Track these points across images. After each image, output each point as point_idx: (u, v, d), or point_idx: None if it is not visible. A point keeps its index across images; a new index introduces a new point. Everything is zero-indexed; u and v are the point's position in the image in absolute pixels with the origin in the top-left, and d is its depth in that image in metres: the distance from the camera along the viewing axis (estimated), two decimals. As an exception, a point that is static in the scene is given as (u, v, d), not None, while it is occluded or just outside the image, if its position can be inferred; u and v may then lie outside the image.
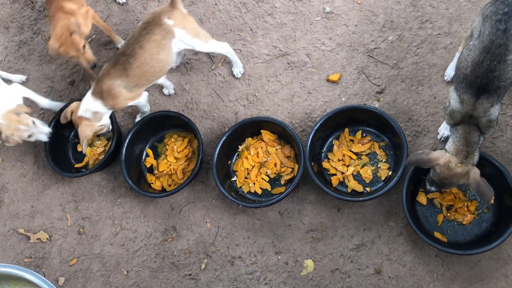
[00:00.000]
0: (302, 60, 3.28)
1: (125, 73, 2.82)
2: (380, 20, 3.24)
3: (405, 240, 2.84)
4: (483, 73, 2.29)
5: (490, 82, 2.30)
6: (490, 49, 2.26)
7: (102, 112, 2.97)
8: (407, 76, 3.10)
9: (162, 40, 2.81)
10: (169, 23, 2.80)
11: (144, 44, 2.78)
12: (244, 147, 3.17)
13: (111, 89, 2.85)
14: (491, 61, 2.26)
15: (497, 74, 2.28)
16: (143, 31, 2.80)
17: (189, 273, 3.06)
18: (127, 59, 2.80)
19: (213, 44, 3.02)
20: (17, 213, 3.40)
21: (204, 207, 3.17)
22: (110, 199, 3.31)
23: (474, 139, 2.41)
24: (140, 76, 2.86)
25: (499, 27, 2.23)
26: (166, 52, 2.85)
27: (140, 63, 2.81)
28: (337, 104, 3.15)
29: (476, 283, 2.68)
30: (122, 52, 2.83)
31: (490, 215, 2.73)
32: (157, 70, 2.89)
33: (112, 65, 2.84)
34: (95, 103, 2.91)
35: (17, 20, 3.84)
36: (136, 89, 2.94)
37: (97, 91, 2.89)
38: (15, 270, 2.64)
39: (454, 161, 2.43)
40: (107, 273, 3.16)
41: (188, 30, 2.87)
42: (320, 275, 2.90)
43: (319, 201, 3.01)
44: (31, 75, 3.67)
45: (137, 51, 2.79)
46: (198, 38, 2.93)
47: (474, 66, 2.30)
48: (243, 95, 3.31)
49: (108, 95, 2.87)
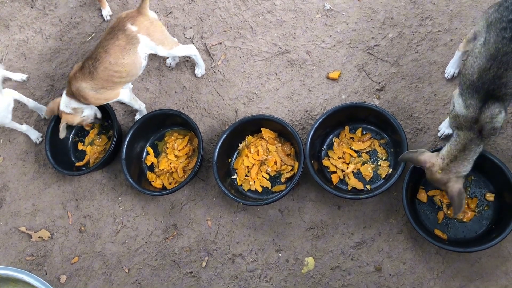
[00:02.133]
0: (302, 57, 3.28)
1: (91, 76, 2.88)
2: (380, 17, 3.23)
3: (405, 238, 2.85)
4: (490, 80, 2.28)
5: (497, 88, 2.29)
6: (497, 57, 2.25)
7: (81, 107, 3.08)
8: (407, 74, 3.09)
9: (126, 45, 2.84)
10: (132, 29, 2.82)
11: (108, 49, 2.82)
12: (244, 145, 3.17)
13: (79, 91, 2.94)
14: (498, 68, 2.25)
15: (504, 81, 2.27)
16: (108, 36, 2.84)
17: (190, 271, 3.07)
18: (92, 63, 2.86)
19: (178, 49, 3.06)
20: (18, 212, 3.41)
21: (204, 205, 3.17)
22: (111, 197, 3.31)
23: (471, 147, 2.38)
24: (106, 79, 2.90)
25: (505, 35, 2.22)
26: (131, 57, 2.87)
27: (105, 67, 2.85)
28: (337, 102, 3.15)
29: (476, 281, 2.69)
30: (89, 56, 2.90)
31: (490, 212, 2.73)
32: (123, 74, 2.92)
33: (79, 69, 2.92)
34: (71, 101, 3.04)
35: (17, 19, 3.84)
36: (105, 91, 2.97)
37: (69, 92, 3.00)
38: (14, 272, 2.64)
39: (437, 166, 2.43)
40: (108, 271, 3.17)
41: (152, 37, 2.89)
42: (320, 273, 2.91)
43: (320, 199, 3.01)
44: (31, 73, 3.68)
45: (101, 55, 2.83)
46: (162, 46, 2.96)
47: (481, 73, 2.29)
48: (243, 93, 3.31)
49: (79, 96, 2.97)
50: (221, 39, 3.44)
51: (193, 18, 3.54)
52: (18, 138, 3.57)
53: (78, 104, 3.04)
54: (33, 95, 3.62)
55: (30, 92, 3.63)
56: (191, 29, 3.52)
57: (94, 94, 2.94)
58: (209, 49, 3.43)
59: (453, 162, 2.40)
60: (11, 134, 3.58)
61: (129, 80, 3.01)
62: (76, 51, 3.64)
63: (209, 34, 3.47)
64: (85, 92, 2.93)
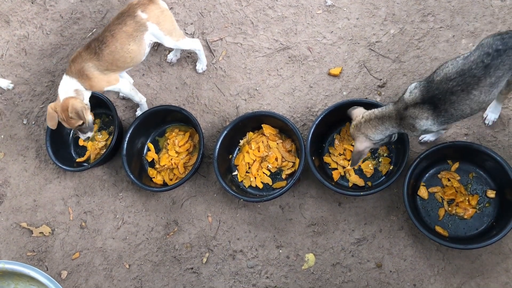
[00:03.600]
0: (303, 53, 3.27)
1: (97, 57, 2.85)
2: (381, 13, 3.22)
3: (406, 234, 2.85)
4: (444, 90, 2.28)
5: (442, 100, 2.29)
6: (464, 75, 2.24)
7: (82, 90, 2.94)
8: (409, 70, 3.08)
9: (134, 32, 2.84)
10: (142, 16, 2.82)
11: (115, 34, 2.82)
12: (245, 142, 3.17)
13: (84, 70, 2.87)
14: (457, 85, 2.25)
15: (454, 98, 2.26)
16: (116, 20, 2.84)
17: (191, 266, 3.08)
18: (99, 45, 2.84)
19: (184, 42, 3.06)
20: (19, 207, 3.41)
21: (205, 201, 3.17)
22: (112, 193, 3.32)
23: (386, 123, 2.45)
24: (111, 62, 2.89)
25: (484, 60, 2.20)
26: (137, 44, 2.88)
27: (111, 51, 2.84)
28: (338, 98, 3.14)
29: (476, 277, 2.69)
30: (96, 37, 2.88)
31: (491, 209, 2.72)
32: (127, 60, 2.92)
33: (85, 48, 2.88)
34: (72, 81, 2.91)
35: (17, 14, 3.83)
36: (109, 73, 2.95)
37: (71, 71, 2.90)
38: (19, 267, 2.65)
39: (355, 121, 2.55)
40: (109, 267, 3.18)
41: (162, 27, 2.90)
42: (321, 269, 2.91)
43: (320, 195, 3.01)
44: (32, 69, 3.67)
45: (108, 39, 2.82)
46: (170, 36, 2.96)
47: (443, 79, 2.29)
48: (244, 89, 3.30)
49: (83, 75, 2.88)
50: (222, 35, 3.43)
51: (194, 14, 3.53)
52: (19, 134, 3.56)
53: (79, 85, 2.91)
54: (34, 90, 3.62)
55: (31, 87, 3.63)
56: (192, 24, 3.51)
57: (99, 74, 2.90)
58: (210, 45, 3.42)
59: (367, 123, 2.50)
60: (12, 130, 3.58)
61: (132, 65, 3.00)
62: (77, 46, 3.63)
63: (210, 30, 3.46)
64: (90, 71, 2.87)
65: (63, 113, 2.89)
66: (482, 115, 2.86)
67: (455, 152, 2.78)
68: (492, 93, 2.26)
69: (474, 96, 2.24)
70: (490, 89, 2.24)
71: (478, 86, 2.22)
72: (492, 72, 2.19)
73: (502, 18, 3.02)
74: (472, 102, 2.26)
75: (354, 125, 2.56)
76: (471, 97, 2.24)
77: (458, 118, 2.35)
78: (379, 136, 2.50)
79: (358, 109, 2.61)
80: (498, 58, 2.18)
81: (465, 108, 2.29)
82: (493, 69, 2.19)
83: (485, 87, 2.22)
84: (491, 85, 2.22)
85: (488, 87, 2.22)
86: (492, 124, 2.84)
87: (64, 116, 2.90)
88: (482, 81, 2.21)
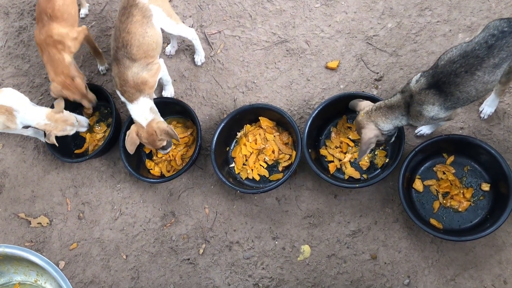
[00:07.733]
0: (301, 47, 3.28)
1: (131, 61, 2.82)
2: (379, 7, 3.23)
3: (401, 227, 2.87)
4: (448, 72, 2.30)
5: (447, 83, 2.31)
6: (467, 56, 2.26)
7: (150, 100, 2.92)
8: (406, 64, 3.10)
9: (143, 18, 2.83)
10: (143, 1, 2.82)
11: (130, 29, 2.80)
12: (242, 134, 3.19)
13: (137, 78, 2.84)
14: (461, 66, 2.27)
15: (458, 81, 2.28)
16: (122, 17, 2.82)
17: (188, 257, 3.10)
18: (124, 50, 2.80)
19: (182, 27, 3.08)
20: (17, 198, 3.43)
21: (202, 193, 3.19)
22: (110, 184, 3.33)
23: (396, 112, 2.48)
24: (145, 55, 2.86)
25: (488, 41, 2.23)
26: (151, 28, 2.86)
27: (137, 46, 2.82)
28: (335, 91, 3.16)
29: (470, 269, 2.71)
30: (114, 47, 2.84)
31: (485, 202, 2.74)
32: (153, 46, 2.90)
33: (116, 64, 2.84)
34: (140, 103, 2.88)
35: (16, 6, 3.84)
36: (151, 66, 2.92)
37: (129, 95, 2.87)
38: (19, 251, 2.67)
39: (365, 110, 2.57)
40: (106, 257, 3.20)
41: (163, 8, 2.92)
42: (316, 260, 2.94)
43: (316, 188, 3.03)
44: (31, 60, 3.68)
45: (127, 38, 2.80)
46: (171, 18, 2.98)
47: (447, 63, 2.32)
48: (242, 82, 3.32)
49: (140, 84, 2.85)
50: (221, 28, 3.45)
51: (193, 7, 3.54)
52: (18, 125, 3.58)
53: (146, 98, 2.89)
54: (33, 82, 3.63)
55: (30, 79, 3.64)
56: (190, 17, 3.52)
57: (148, 72, 2.89)
58: (209, 38, 3.44)
59: (377, 111, 2.52)
60: (11, 121, 3.59)
61: (159, 50, 2.97)
62: (75, 38, 3.64)
63: (209, 22, 3.47)
64: (139, 76, 2.84)
65: (150, 137, 2.89)
66: (478, 108, 2.88)
67: (450, 145, 2.80)
68: (495, 74, 2.27)
69: (478, 77, 2.26)
70: (494, 69, 2.25)
71: (481, 66, 2.24)
72: (496, 53, 2.21)
73: (499, 12, 3.03)
74: (476, 83, 2.28)
75: (364, 112, 2.57)
76: (475, 77, 2.26)
77: (465, 101, 2.36)
78: (388, 126, 2.52)
79: (366, 102, 2.64)
80: (503, 39, 2.20)
81: (470, 90, 2.30)
82: (496, 50, 2.21)
83: (489, 67, 2.24)
84: (495, 66, 2.24)
85: (491, 67, 2.24)
86: (487, 118, 2.86)
87: (151, 139, 2.90)
88: (486, 61, 2.23)
